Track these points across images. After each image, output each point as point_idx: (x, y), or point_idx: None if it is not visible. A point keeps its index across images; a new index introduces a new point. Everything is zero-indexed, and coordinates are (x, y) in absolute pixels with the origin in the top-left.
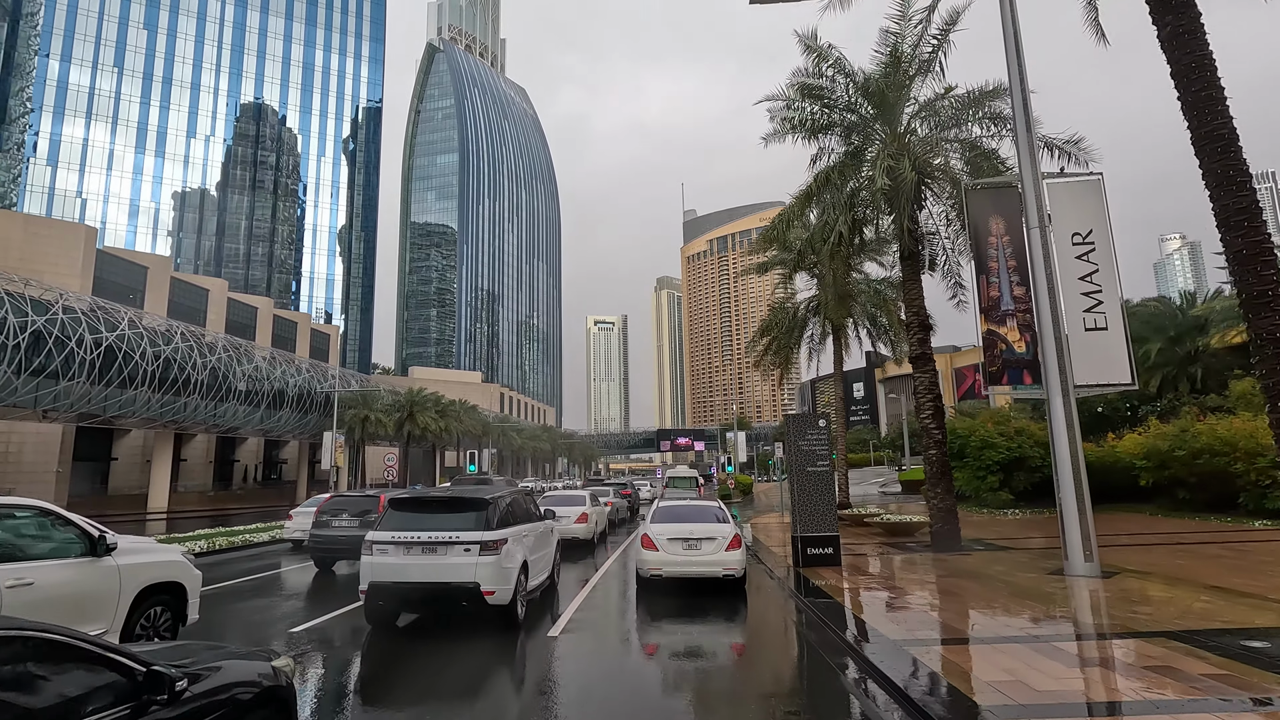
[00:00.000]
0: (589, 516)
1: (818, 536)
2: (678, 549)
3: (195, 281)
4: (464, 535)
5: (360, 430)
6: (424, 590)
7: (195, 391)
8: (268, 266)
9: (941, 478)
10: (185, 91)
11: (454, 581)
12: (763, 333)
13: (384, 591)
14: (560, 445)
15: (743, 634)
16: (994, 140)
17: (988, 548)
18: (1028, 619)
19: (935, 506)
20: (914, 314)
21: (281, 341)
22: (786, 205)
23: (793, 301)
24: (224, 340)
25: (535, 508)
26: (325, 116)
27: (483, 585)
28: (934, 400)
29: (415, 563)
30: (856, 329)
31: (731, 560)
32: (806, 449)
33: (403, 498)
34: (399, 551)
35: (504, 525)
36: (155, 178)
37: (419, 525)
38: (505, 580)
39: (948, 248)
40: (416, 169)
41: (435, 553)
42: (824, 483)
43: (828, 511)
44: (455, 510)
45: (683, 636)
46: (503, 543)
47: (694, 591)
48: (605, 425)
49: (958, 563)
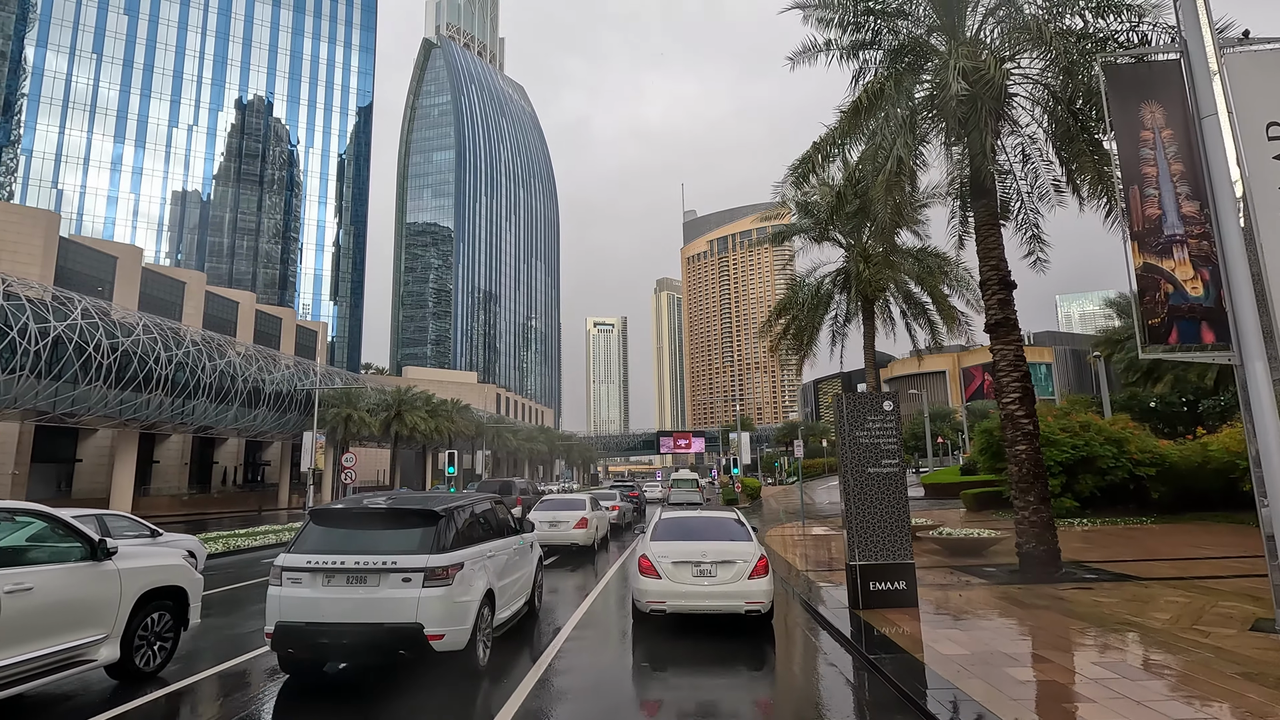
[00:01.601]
0: (589, 522)
1: (885, 566)
2: (686, 575)
3: (170, 274)
4: (403, 560)
5: (343, 430)
6: (348, 634)
7: (159, 388)
8: (253, 261)
9: (1034, 483)
10: (167, 79)
11: (388, 622)
12: (779, 312)
13: (295, 636)
14: (558, 447)
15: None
16: None
17: (1100, 575)
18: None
19: (1026, 520)
20: (992, 268)
21: (265, 338)
22: (823, 134)
23: (814, 276)
24: (193, 334)
25: (511, 518)
26: (314, 107)
27: (427, 627)
28: (1020, 380)
29: (338, 596)
30: (888, 308)
31: (756, 591)
32: (867, 441)
33: (327, 508)
34: (316, 582)
35: (462, 544)
36: (135, 169)
37: (346, 546)
38: (460, 618)
39: (1024, 191)
40: (412, 167)
41: (364, 584)
42: (892, 489)
43: (898, 530)
44: (396, 525)
45: (691, 692)
46: (456, 569)
47: (709, 629)
48: (605, 427)
49: (1080, 602)
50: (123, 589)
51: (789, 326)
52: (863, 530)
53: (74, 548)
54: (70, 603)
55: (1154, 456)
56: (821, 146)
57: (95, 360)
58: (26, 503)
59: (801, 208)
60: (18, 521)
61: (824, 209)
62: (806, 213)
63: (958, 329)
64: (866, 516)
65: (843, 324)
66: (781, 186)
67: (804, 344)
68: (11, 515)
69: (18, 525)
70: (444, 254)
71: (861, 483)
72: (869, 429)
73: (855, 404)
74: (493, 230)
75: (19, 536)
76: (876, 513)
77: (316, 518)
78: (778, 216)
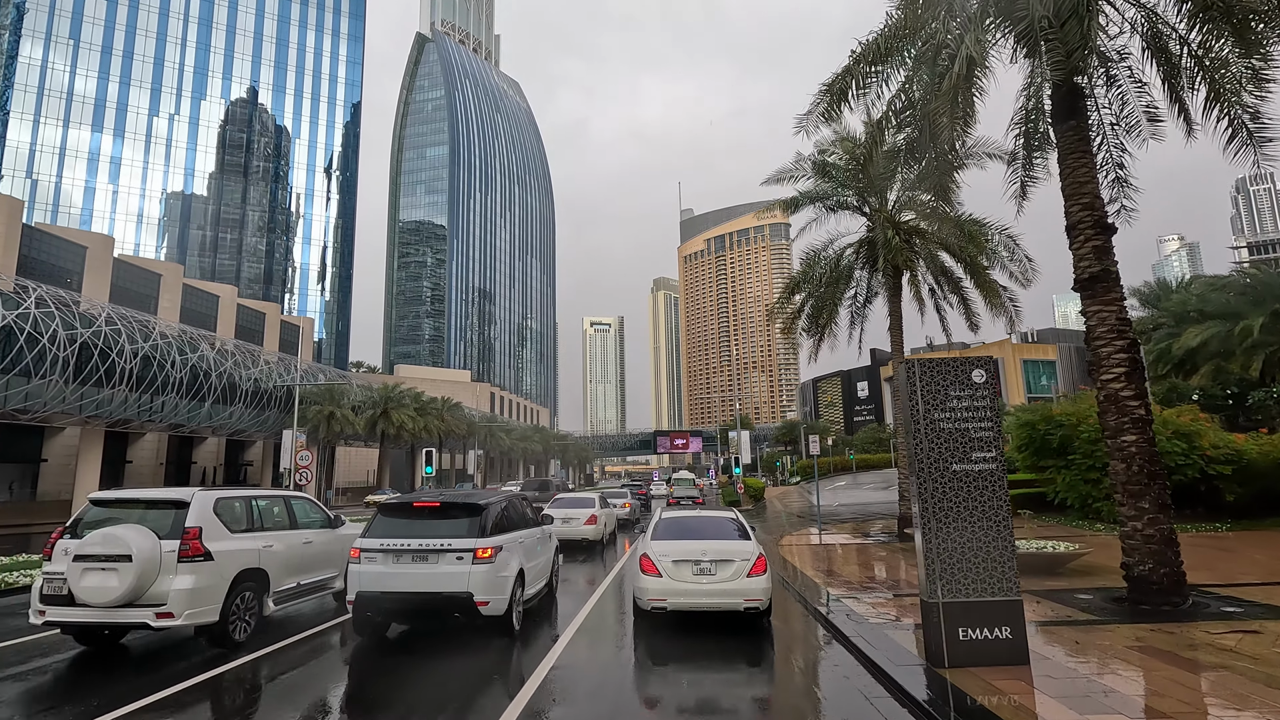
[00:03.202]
0: (598, 519)
1: (983, 605)
2: (686, 574)
3: (145, 265)
4: (456, 543)
5: (325, 429)
6: (414, 601)
7: (124, 382)
8: (237, 255)
9: (1149, 485)
10: (148, 66)
11: (445, 591)
12: (793, 289)
13: (372, 602)
14: (554, 447)
15: None
16: None
17: (1243, 607)
18: None
19: (1139, 534)
20: (1083, 207)
21: (248, 334)
22: (860, 47)
23: (832, 248)
24: (163, 326)
25: (532, 512)
26: (301, 96)
27: (476, 595)
28: (1127, 351)
29: (405, 572)
30: (916, 285)
31: (755, 588)
32: (950, 426)
33: (393, 503)
34: (388, 560)
35: (499, 531)
36: (114, 159)
37: (409, 532)
38: (500, 590)
39: (1107, 123)
40: (405, 163)
41: (426, 561)
42: (990, 494)
43: (999, 553)
44: (448, 516)
45: None
46: (497, 550)
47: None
48: (602, 427)
49: (1263, 656)
50: (344, 546)
51: (803, 305)
52: (947, 553)
53: (324, 518)
54: (328, 552)
55: (1230, 453)
56: (865, 55)
57: (51, 352)
58: (298, 493)
59: (818, 169)
60: (299, 500)
61: (843, 171)
62: (824, 175)
63: (998, 308)
64: (952, 533)
65: (863, 304)
66: (806, 120)
67: (821, 324)
68: (298, 498)
69: (298, 504)
70: (437, 251)
71: (944, 485)
72: (953, 409)
73: (932, 374)
74: (487, 227)
75: (303, 511)
76: (968, 528)
77: (384, 511)
78: (774, 213)
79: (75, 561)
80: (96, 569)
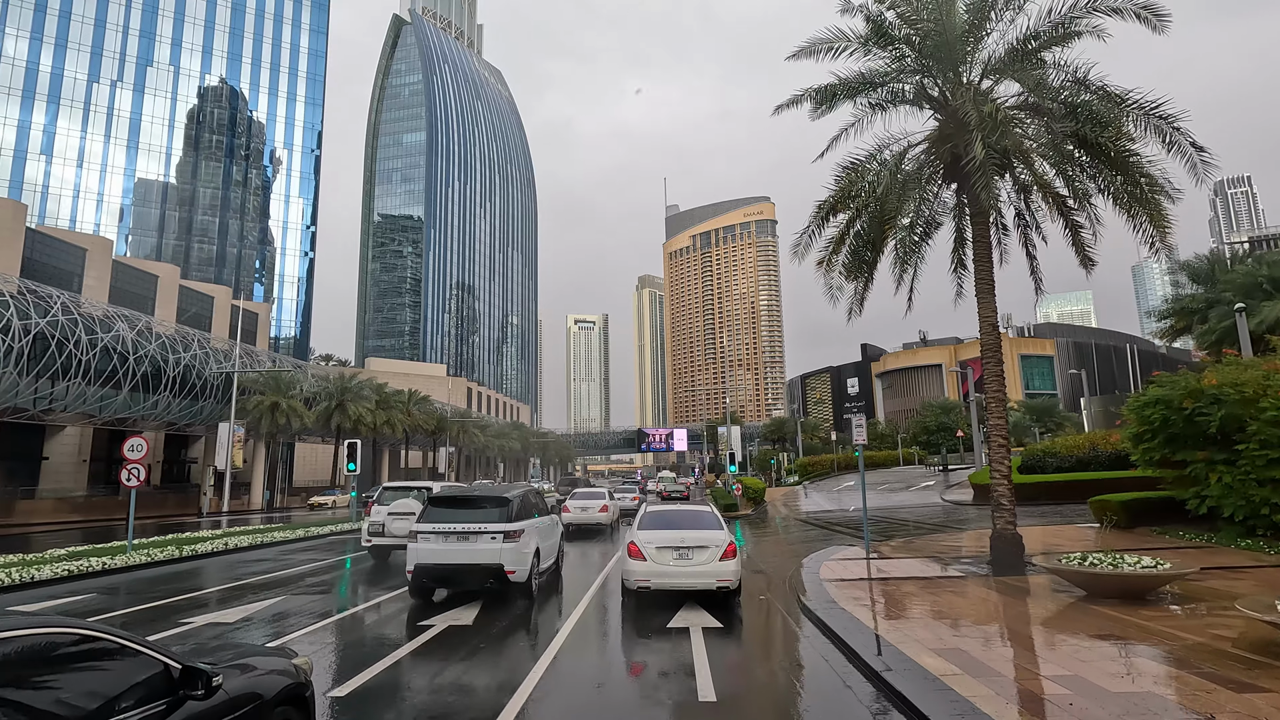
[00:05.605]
0: (609, 508)
1: None
2: (668, 558)
3: (66, 238)
4: (490, 526)
5: (269, 421)
6: (459, 570)
7: (13, 365)
8: (185, 235)
9: None
10: (88, 29)
11: (483, 563)
12: (833, 208)
13: (427, 571)
14: (533, 444)
15: None
16: None
17: None
18: None
19: None
20: None
21: (195, 319)
22: None
23: (889, 150)
24: (65, 300)
25: (544, 504)
26: (259, 66)
27: (506, 565)
28: None
29: (452, 548)
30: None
31: (726, 571)
32: None
33: (440, 496)
34: (439, 539)
35: (521, 518)
36: (47, 129)
37: (454, 518)
38: (524, 562)
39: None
40: (381, 150)
41: (468, 540)
42: None
43: None
44: (483, 506)
45: None
46: (521, 532)
47: None
48: (585, 425)
49: None
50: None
51: (845, 231)
52: None
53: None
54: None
55: None
56: None
57: None
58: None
59: (876, 30)
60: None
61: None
62: (882, 41)
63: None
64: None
65: (919, 237)
66: None
67: (868, 262)
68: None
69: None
70: (414, 242)
71: None
72: None
73: None
74: (467, 218)
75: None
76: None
77: (433, 502)
78: (760, 208)
79: (389, 516)
80: (400, 518)
